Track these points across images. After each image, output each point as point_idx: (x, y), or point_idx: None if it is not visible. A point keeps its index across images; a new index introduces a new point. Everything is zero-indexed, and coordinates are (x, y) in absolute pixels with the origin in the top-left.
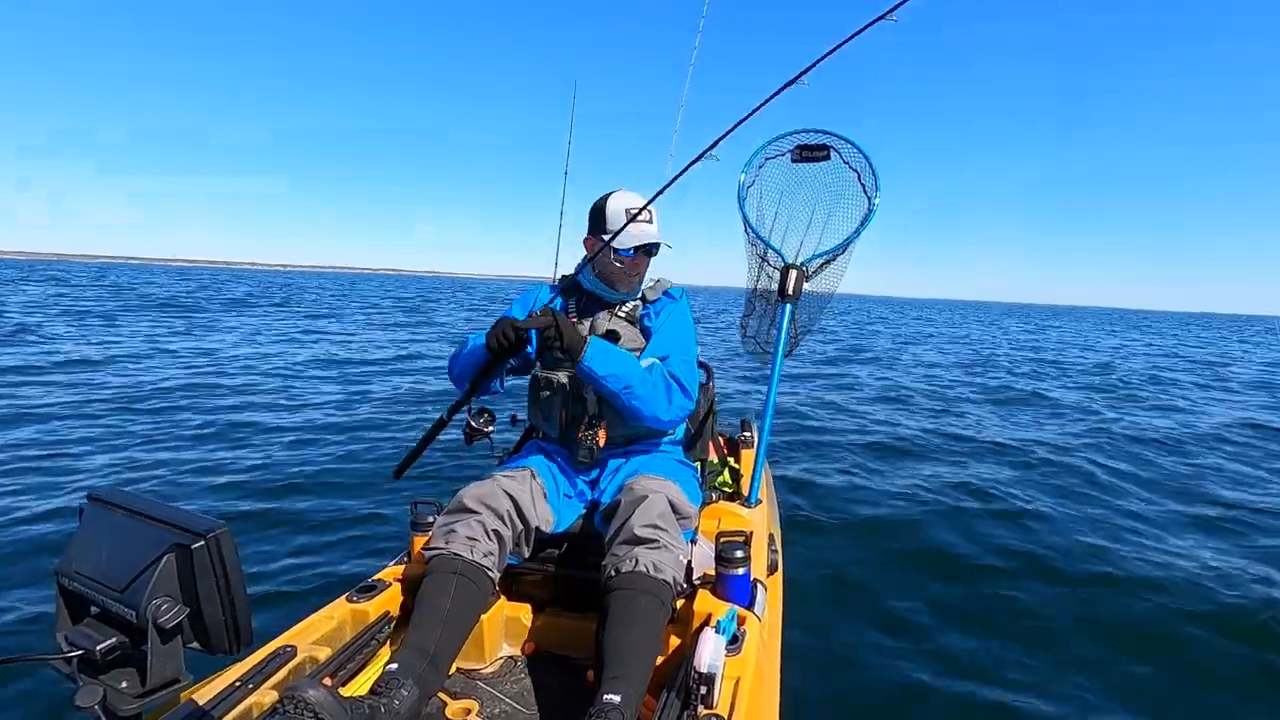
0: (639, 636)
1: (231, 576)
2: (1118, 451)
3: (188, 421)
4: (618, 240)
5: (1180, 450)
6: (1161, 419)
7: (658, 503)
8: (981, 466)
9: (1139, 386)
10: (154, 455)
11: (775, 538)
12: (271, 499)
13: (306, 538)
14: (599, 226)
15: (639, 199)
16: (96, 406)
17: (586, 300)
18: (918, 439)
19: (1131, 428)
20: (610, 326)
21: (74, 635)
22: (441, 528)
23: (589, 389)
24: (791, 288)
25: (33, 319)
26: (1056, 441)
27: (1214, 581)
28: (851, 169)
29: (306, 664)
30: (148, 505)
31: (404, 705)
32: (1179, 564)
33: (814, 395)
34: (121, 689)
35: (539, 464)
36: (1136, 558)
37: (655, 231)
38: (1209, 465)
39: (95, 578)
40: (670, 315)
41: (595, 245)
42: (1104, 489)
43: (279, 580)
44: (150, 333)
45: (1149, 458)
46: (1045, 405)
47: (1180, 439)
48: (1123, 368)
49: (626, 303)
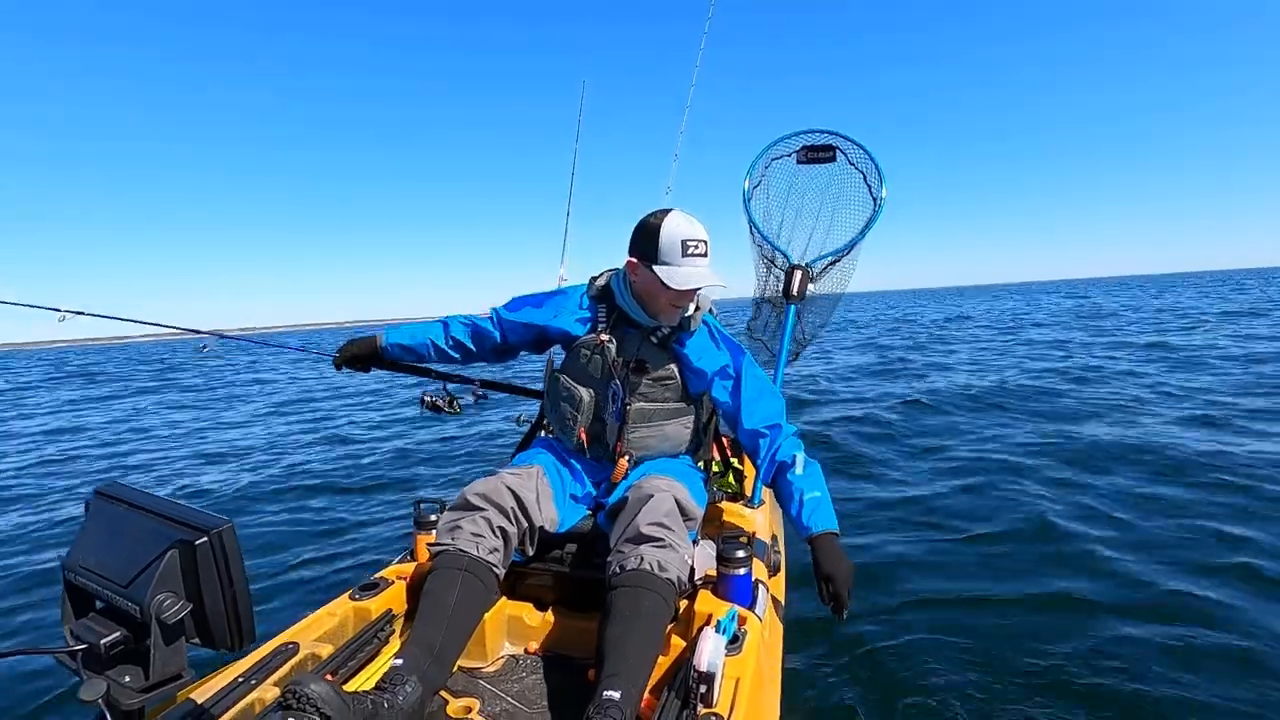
0: (641, 634)
1: (234, 573)
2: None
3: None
4: (669, 279)
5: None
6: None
7: (665, 501)
8: (1001, 459)
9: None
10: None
11: (777, 538)
12: (275, 498)
13: (310, 535)
14: (648, 251)
15: (698, 226)
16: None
17: (618, 317)
18: (919, 436)
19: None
20: (640, 355)
21: (78, 629)
22: (447, 524)
23: (611, 411)
24: (797, 288)
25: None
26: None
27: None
28: (857, 170)
29: (309, 661)
30: (153, 501)
31: (407, 701)
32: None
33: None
34: (125, 683)
35: (547, 463)
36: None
37: (709, 272)
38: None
39: (100, 572)
40: (726, 358)
41: (639, 270)
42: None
43: (282, 577)
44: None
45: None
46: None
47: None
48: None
49: (661, 328)
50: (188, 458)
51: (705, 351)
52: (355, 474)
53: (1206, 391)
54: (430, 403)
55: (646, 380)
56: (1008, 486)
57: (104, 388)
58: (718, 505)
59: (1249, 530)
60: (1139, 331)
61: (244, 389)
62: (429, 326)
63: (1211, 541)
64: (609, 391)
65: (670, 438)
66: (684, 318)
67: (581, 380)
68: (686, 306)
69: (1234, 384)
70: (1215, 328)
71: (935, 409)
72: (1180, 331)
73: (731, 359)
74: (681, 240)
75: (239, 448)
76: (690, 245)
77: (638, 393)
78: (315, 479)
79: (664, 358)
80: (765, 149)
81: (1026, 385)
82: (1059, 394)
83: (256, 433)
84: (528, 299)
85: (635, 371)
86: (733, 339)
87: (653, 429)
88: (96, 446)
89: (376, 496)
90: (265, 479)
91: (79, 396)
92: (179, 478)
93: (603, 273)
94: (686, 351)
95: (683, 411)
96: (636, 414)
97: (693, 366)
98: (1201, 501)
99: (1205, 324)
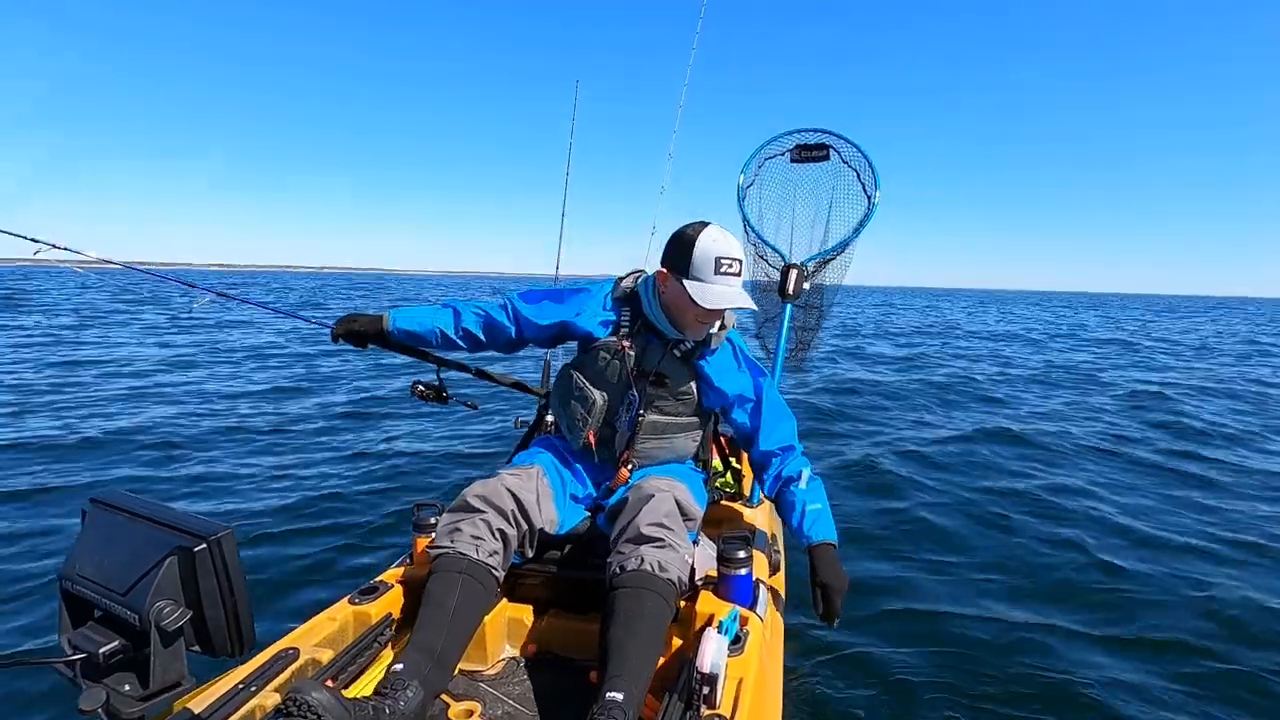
0: (642, 635)
1: (234, 579)
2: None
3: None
4: (700, 296)
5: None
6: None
7: (665, 502)
8: (1006, 458)
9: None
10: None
11: (777, 537)
12: (274, 502)
13: (309, 540)
14: (681, 265)
15: (735, 244)
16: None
17: (642, 325)
18: (921, 433)
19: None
20: (661, 369)
21: (76, 638)
22: (446, 526)
23: (624, 420)
24: (792, 287)
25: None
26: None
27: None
28: (851, 168)
29: (309, 666)
30: (150, 508)
31: (409, 706)
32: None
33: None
34: (124, 692)
35: (547, 463)
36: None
37: (740, 292)
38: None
39: (98, 581)
40: (748, 379)
41: (670, 282)
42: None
43: (281, 583)
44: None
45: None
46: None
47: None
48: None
49: (685, 342)
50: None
51: (727, 371)
52: (355, 474)
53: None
54: (422, 393)
55: (664, 393)
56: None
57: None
58: (718, 505)
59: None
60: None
61: (243, 359)
62: (438, 313)
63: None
64: (624, 399)
65: (677, 450)
66: (708, 334)
67: (597, 383)
68: (712, 323)
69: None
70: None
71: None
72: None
73: (753, 382)
74: (716, 257)
75: (239, 438)
76: (724, 264)
77: (654, 405)
78: (315, 479)
79: (685, 374)
80: (759, 147)
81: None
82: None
83: (264, 413)
84: (547, 293)
85: (655, 384)
86: (754, 360)
87: (662, 441)
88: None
89: (376, 498)
90: (263, 481)
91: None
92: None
93: (629, 274)
94: (708, 369)
95: (693, 425)
96: (649, 426)
97: (713, 385)
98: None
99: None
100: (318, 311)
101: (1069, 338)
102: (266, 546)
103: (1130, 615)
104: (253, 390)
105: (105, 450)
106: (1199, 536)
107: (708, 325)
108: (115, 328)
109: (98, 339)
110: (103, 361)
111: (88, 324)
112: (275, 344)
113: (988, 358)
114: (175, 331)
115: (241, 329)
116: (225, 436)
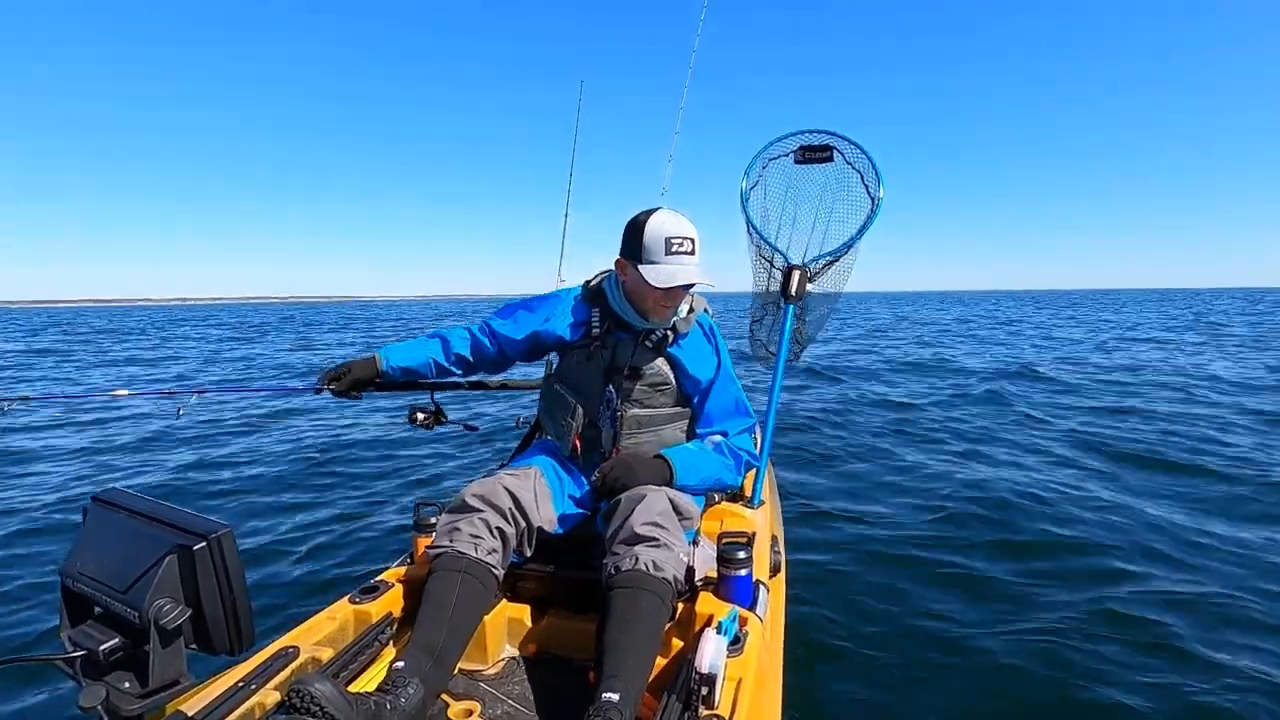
0: (639, 635)
1: (233, 578)
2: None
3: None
4: (653, 277)
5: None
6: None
7: (658, 501)
8: (1008, 463)
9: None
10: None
11: (778, 539)
12: (273, 500)
13: (309, 539)
14: (634, 250)
15: (685, 223)
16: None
17: (611, 321)
18: (922, 432)
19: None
20: (634, 361)
21: (77, 636)
22: (445, 526)
23: (605, 417)
24: (795, 289)
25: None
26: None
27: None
28: (854, 169)
29: (309, 665)
30: (150, 507)
31: (409, 703)
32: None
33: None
34: (124, 690)
35: (545, 464)
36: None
37: (695, 270)
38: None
39: (98, 578)
40: (714, 363)
41: (628, 270)
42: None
43: (281, 582)
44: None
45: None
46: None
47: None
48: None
49: (655, 331)
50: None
51: (699, 353)
52: (355, 475)
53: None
54: (422, 420)
55: (640, 386)
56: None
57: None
58: (718, 505)
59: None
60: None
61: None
62: (427, 344)
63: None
64: (603, 398)
65: (667, 441)
66: (677, 319)
67: (575, 386)
68: (678, 307)
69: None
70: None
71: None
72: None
73: (719, 364)
74: (666, 238)
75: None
76: (675, 243)
77: (631, 399)
78: (315, 481)
79: (659, 363)
80: (762, 149)
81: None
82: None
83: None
84: (520, 304)
85: (629, 377)
86: (725, 347)
87: (649, 434)
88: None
89: (376, 499)
90: (265, 479)
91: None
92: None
93: (596, 275)
94: (681, 356)
95: (680, 415)
96: (631, 420)
97: (688, 372)
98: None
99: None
100: (305, 354)
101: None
102: (265, 543)
103: (1141, 619)
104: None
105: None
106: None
107: (672, 308)
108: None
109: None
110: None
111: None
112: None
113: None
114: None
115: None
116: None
